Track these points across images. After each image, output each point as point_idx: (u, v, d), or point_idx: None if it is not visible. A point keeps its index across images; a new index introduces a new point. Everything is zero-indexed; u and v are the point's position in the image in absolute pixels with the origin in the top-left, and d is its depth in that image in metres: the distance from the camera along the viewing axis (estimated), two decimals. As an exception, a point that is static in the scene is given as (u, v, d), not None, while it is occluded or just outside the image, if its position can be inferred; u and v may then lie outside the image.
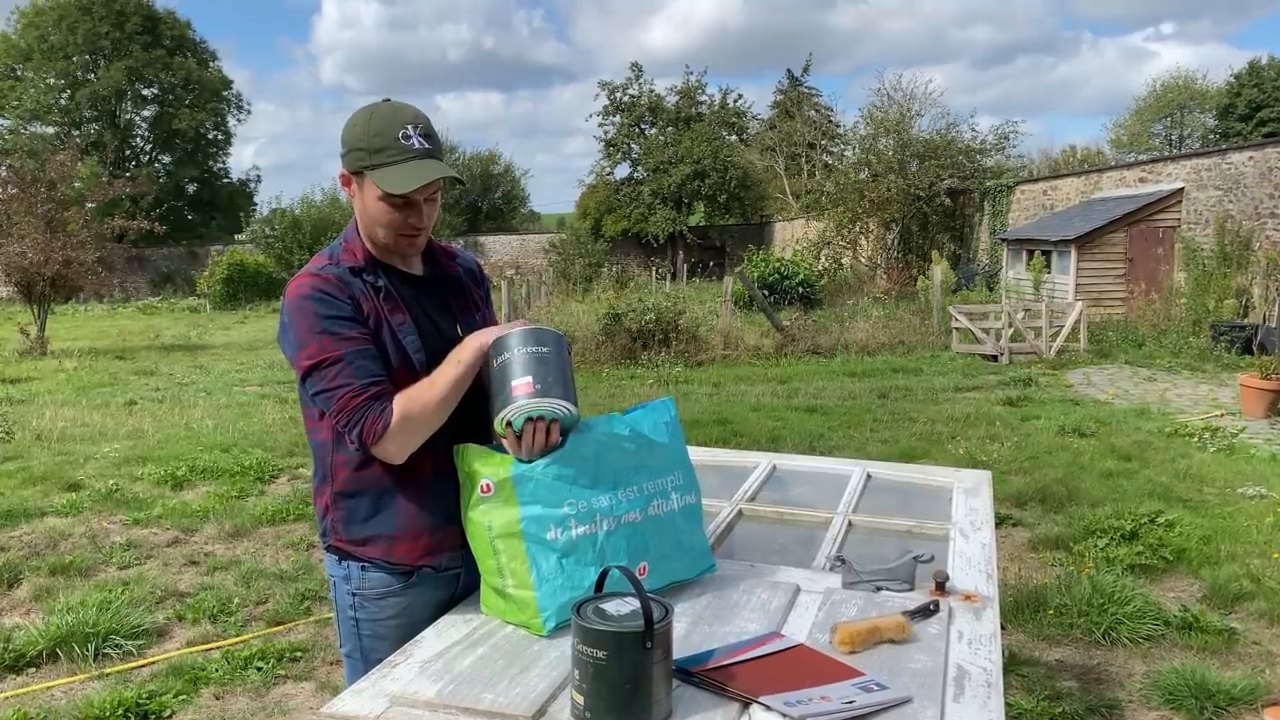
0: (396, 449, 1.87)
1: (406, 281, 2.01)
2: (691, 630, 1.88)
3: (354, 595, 2.00)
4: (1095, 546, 5.22)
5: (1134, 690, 3.75)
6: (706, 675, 1.67)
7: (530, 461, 1.86)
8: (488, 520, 1.89)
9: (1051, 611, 4.34)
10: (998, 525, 5.69)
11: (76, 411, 10.35)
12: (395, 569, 1.98)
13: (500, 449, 1.91)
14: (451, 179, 1.92)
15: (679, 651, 1.74)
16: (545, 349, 1.86)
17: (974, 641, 1.86)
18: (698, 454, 3.43)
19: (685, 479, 2.08)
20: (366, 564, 1.99)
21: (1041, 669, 3.90)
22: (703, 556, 2.10)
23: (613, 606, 1.61)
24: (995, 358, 13.85)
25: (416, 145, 1.86)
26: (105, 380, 13.88)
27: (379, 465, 1.92)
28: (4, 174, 19.37)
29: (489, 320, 2.17)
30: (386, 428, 1.83)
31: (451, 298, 2.09)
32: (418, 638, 1.88)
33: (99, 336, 21.22)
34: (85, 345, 18.69)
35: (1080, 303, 14.75)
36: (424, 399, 1.86)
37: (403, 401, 1.86)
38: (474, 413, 1.94)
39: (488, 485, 1.87)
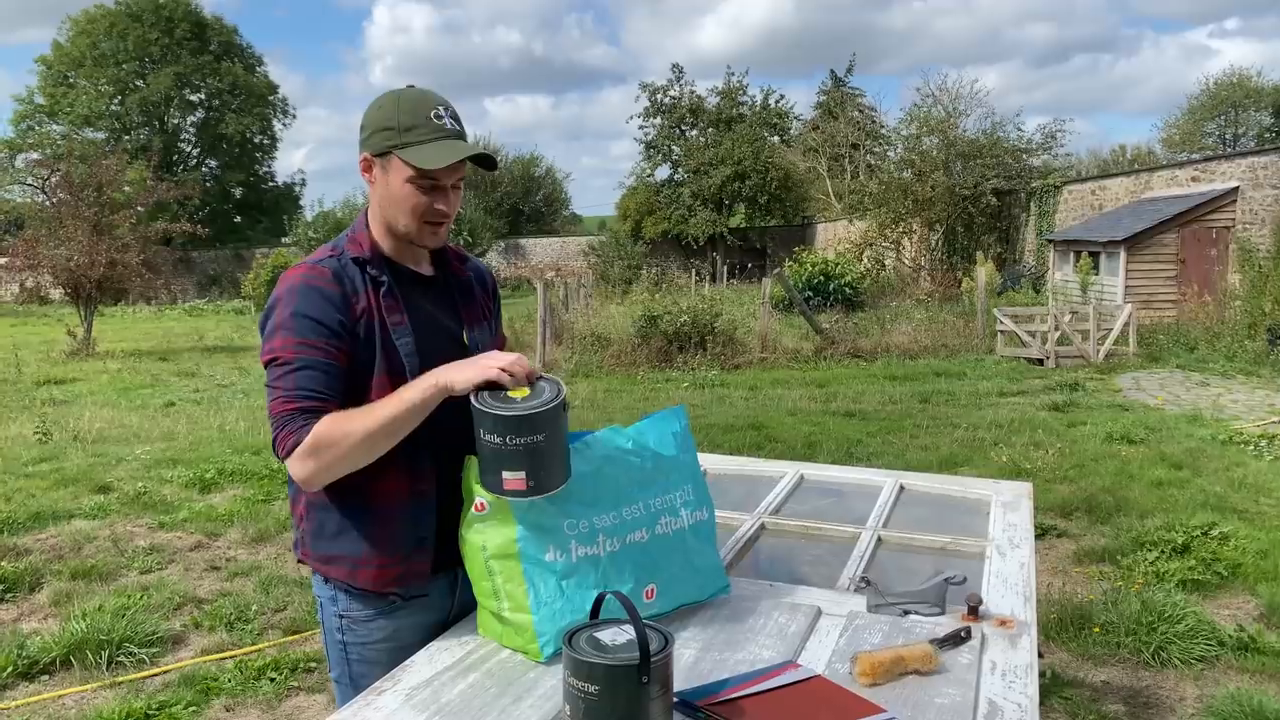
0: (304, 473, 1.73)
1: (414, 281, 1.90)
2: (701, 657, 1.76)
3: (340, 618, 1.89)
4: (1144, 560, 5.00)
5: (1185, 715, 3.56)
6: (712, 711, 1.55)
7: None
8: (482, 540, 1.77)
9: (1097, 629, 4.15)
10: (1041, 536, 5.51)
11: (115, 413, 10.45)
12: (368, 593, 1.87)
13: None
14: (484, 158, 1.82)
15: (687, 681, 1.63)
16: (539, 437, 1.67)
17: (1008, 673, 1.72)
18: (723, 462, 3.31)
19: (696, 494, 1.94)
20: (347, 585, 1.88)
21: (1086, 691, 3.72)
22: (716, 576, 1.98)
23: (608, 635, 1.49)
24: (1041, 362, 13.56)
25: (449, 126, 1.78)
26: (147, 381, 14.04)
27: (353, 480, 1.78)
28: (55, 180, 19.75)
29: (496, 334, 2.05)
30: (297, 445, 1.70)
31: (460, 302, 1.96)
32: (407, 662, 1.77)
33: (144, 338, 21.53)
34: (130, 347, 18.97)
35: (1129, 305, 14.40)
36: (348, 428, 1.70)
37: (325, 424, 1.70)
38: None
39: (482, 504, 1.75)
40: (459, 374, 1.71)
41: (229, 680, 3.73)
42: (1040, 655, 2.04)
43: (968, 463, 7.24)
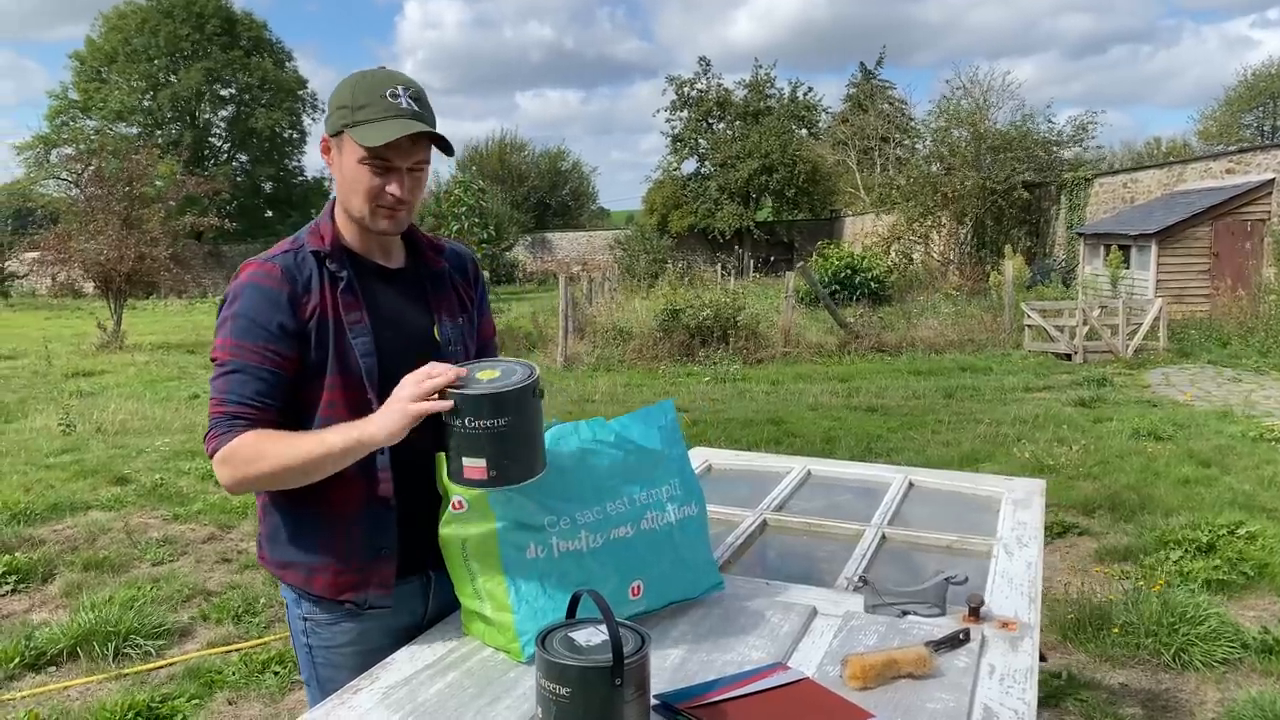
0: (222, 479, 1.71)
1: (378, 274, 1.82)
2: (688, 658, 1.71)
3: (304, 621, 1.84)
4: (1168, 559, 4.89)
5: (1205, 719, 3.46)
6: (693, 713, 1.49)
7: None
8: (461, 537, 1.72)
9: (1116, 630, 4.05)
10: (1062, 534, 5.42)
11: (140, 405, 10.52)
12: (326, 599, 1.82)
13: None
14: (437, 139, 1.73)
15: (672, 682, 1.59)
16: (503, 420, 1.59)
17: (1006, 677, 1.66)
18: (730, 458, 3.25)
19: (684, 488, 1.89)
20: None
21: (1103, 694, 3.63)
22: (708, 572, 1.92)
23: (583, 636, 1.44)
24: (1069, 357, 13.37)
25: (405, 105, 1.69)
26: (173, 374, 14.13)
27: (308, 485, 1.71)
28: (88, 175, 19.97)
29: (478, 324, 1.98)
30: (216, 453, 1.68)
31: (431, 295, 1.88)
32: (388, 660, 1.73)
33: (174, 331, 21.69)
34: (159, 340, 19.11)
35: (1160, 299, 14.15)
36: (265, 454, 1.65)
37: (244, 441, 1.66)
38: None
39: (459, 503, 1.69)
40: (380, 426, 1.61)
41: (233, 673, 3.72)
42: (1043, 659, 1.97)
43: (989, 459, 7.12)
